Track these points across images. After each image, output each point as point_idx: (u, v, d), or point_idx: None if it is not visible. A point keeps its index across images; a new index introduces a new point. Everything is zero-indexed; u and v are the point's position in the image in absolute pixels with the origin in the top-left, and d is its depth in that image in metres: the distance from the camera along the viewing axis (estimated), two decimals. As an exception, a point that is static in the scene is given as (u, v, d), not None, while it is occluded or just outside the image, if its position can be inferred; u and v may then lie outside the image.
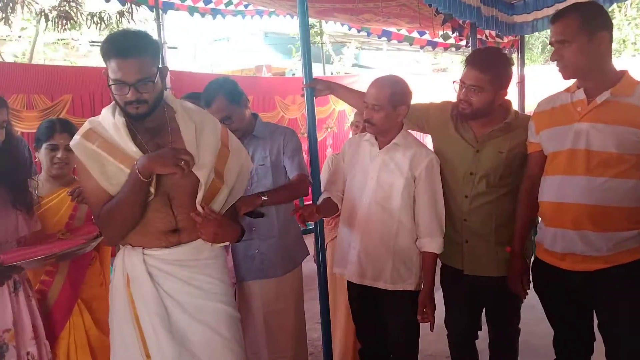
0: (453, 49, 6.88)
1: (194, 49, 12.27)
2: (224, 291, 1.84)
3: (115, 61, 1.59)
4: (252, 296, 2.41)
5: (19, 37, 7.86)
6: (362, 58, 13.83)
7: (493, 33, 5.14)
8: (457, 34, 4.96)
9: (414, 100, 2.27)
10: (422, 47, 6.95)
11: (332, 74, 10.56)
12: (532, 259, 2.15)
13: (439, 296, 2.27)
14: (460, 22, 4.58)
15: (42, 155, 2.20)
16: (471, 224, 2.19)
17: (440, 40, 6.13)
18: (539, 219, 2.06)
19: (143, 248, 1.72)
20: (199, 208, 1.70)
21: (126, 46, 1.59)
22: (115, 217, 1.69)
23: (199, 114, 1.83)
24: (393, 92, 2.16)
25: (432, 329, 2.19)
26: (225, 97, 2.27)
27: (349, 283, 2.37)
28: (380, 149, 2.25)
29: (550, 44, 1.89)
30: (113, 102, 1.70)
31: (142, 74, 1.60)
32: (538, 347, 2.58)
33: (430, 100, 2.44)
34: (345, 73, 10.84)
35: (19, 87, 4.12)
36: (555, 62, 1.89)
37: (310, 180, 2.42)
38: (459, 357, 2.40)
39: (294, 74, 11.91)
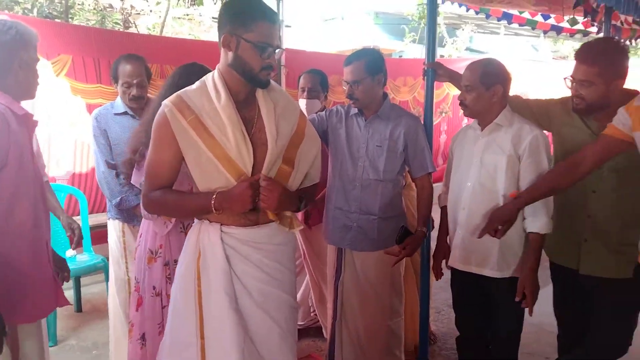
0: (579, 35, 6.39)
1: (305, 28, 12.50)
2: (290, 280, 1.80)
3: (266, 24, 1.58)
4: (354, 264, 2.46)
5: (150, 11, 8.50)
6: (476, 42, 13.26)
7: (630, 19, 4.70)
8: (589, 18, 4.60)
9: (533, 89, 2.18)
10: (545, 32, 6.55)
11: (442, 57, 10.22)
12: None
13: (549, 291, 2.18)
14: (594, 5, 4.24)
15: None
16: (596, 222, 2.07)
17: (567, 25, 5.73)
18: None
19: (221, 225, 1.67)
20: (261, 178, 1.62)
21: (272, 12, 1.63)
22: (167, 212, 1.77)
23: (281, 95, 1.76)
24: (484, 71, 2.14)
25: (530, 313, 2.08)
26: (365, 64, 2.30)
27: (451, 269, 2.35)
28: (482, 131, 2.22)
29: None
30: (217, 77, 1.64)
31: (279, 41, 1.63)
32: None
33: (550, 90, 2.33)
34: (458, 57, 10.45)
35: (153, 57, 4.41)
36: None
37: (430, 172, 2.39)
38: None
39: (400, 56, 11.72)
